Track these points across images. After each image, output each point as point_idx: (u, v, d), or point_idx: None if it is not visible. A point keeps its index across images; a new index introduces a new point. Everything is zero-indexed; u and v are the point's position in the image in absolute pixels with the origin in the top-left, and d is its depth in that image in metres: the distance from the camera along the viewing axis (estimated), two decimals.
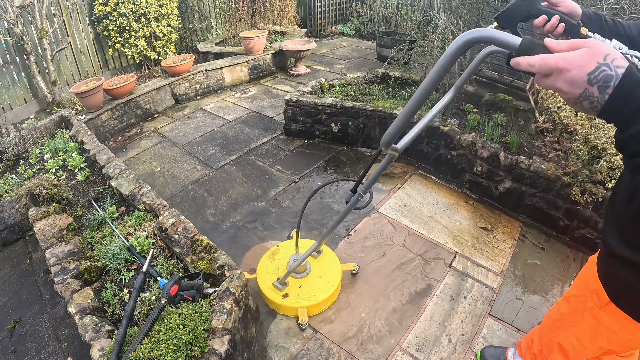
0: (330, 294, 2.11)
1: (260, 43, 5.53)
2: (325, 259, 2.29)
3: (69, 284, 1.92)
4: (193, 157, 3.73)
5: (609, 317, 1.07)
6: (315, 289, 2.12)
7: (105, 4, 5.00)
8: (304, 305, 2.05)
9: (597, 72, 0.58)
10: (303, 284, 2.15)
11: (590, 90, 0.59)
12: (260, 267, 2.26)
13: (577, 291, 1.24)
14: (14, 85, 4.62)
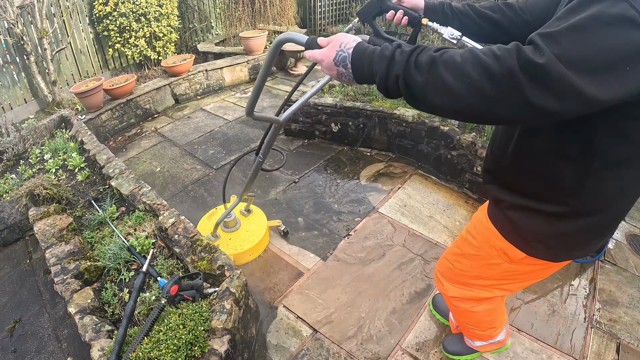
0: (254, 244, 2.44)
1: (260, 43, 5.53)
2: (253, 217, 2.65)
3: (69, 284, 1.92)
4: (193, 157, 3.73)
5: (525, 267, 1.14)
6: (242, 241, 2.45)
7: (105, 4, 5.00)
8: (231, 254, 2.33)
9: (337, 57, 0.83)
10: (233, 237, 2.50)
11: (340, 70, 0.84)
12: (200, 225, 2.62)
13: (477, 251, 1.25)
14: (14, 85, 4.61)
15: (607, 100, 0.68)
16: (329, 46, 0.84)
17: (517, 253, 1.10)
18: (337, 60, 0.83)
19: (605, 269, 2.44)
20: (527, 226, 1.03)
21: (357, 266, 2.45)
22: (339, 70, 0.83)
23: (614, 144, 0.82)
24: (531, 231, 1.03)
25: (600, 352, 1.96)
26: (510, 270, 1.17)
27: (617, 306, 2.20)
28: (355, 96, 3.70)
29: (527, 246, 1.08)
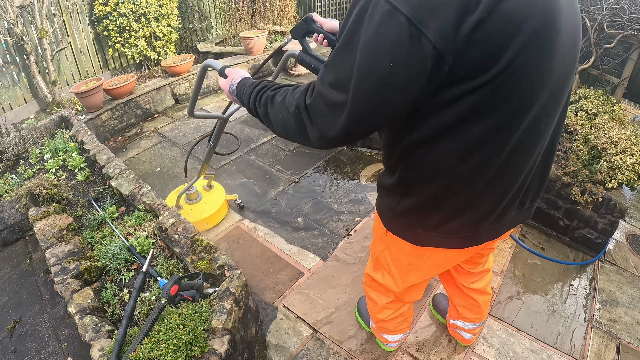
0: (211, 214, 2.74)
1: (260, 43, 5.53)
2: (214, 191, 2.94)
3: (69, 284, 1.92)
4: (193, 157, 3.73)
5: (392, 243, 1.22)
6: (201, 211, 2.76)
7: (105, 4, 5.00)
8: (191, 221, 2.49)
9: (230, 89, 1.11)
10: (194, 208, 2.79)
11: (233, 97, 1.11)
12: (168, 198, 2.89)
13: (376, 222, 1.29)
14: (14, 85, 4.61)
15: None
16: (227, 79, 1.13)
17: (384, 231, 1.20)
18: (230, 91, 1.10)
19: (605, 269, 2.44)
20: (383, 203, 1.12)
21: (357, 266, 2.45)
22: (232, 99, 1.10)
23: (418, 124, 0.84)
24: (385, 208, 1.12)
25: (600, 352, 1.96)
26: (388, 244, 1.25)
27: (617, 306, 2.20)
28: None
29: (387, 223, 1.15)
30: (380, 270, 1.40)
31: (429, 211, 1.01)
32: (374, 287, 1.52)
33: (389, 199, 1.07)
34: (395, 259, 1.26)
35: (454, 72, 0.70)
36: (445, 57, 0.68)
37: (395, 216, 1.08)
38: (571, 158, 2.56)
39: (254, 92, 0.98)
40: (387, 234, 1.19)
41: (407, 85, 0.71)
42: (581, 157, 2.52)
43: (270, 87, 0.96)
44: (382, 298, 1.51)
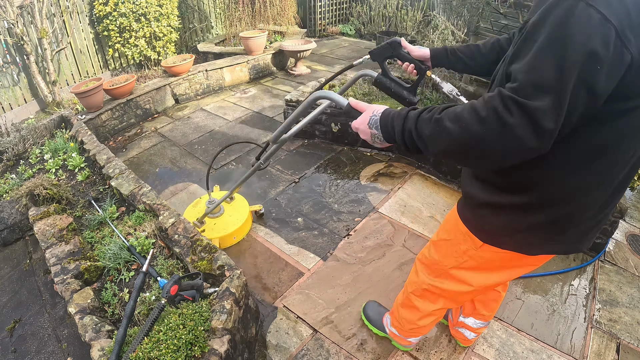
0: (237, 227, 2.59)
1: (260, 43, 5.53)
2: (236, 203, 2.79)
3: (69, 284, 1.92)
4: (193, 157, 3.73)
5: (487, 254, 1.18)
6: (226, 225, 2.61)
7: (105, 4, 5.00)
8: (217, 237, 2.52)
9: (370, 120, 1.01)
10: (217, 222, 2.64)
11: (372, 131, 1.01)
12: (186, 213, 2.78)
13: (448, 234, 1.30)
14: (14, 85, 4.62)
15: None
16: (365, 113, 1.05)
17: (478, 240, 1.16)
18: (370, 123, 1.01)
19: (605, 269, 2.44)
20: (494, 222, 1.08)
21: (357, 266, 2.45)
22: (372, 132, 1.01)
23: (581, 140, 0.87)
24: (498, 227, 1.08)
25: (600, 352, 1.96)
26: (476, 257, 1.21)
27: (617, 306, 2.20)
28: (355, 96, 3.70)
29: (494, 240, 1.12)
30: (449, 278, 1.35)
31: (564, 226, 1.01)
32: (426, 296, 1.48)
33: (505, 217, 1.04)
34: (484, 266, 1.22)
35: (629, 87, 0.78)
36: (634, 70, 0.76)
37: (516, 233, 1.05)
38: None
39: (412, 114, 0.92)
40: (482, 247, 1.15)
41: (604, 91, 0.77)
42: None
43: (431, 108, 0.92)
44: (431, 305, 1.49)
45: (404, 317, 1.65)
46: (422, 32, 3.45)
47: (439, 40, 3.23)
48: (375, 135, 1.01)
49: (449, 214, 1.33)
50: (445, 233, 1.32)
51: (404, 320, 1.66)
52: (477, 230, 1.15)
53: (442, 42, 3.25)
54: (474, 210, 1.14)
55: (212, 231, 2.56)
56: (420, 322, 1.60)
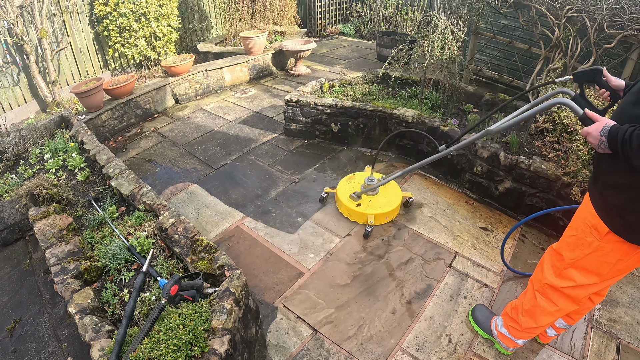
0: (392, 208, 2.75)
1: (260, 43, 5.53)
2: (389, 186, 2.96)
3: (69, 284, 1.92)
4: (193, 157, 3.73)
5: (609, 245, 1.37)
6: (381, 204, 2.78)
7: (105, 4, 5.00)
8: (372, 213, 2.71)
9: (603, 130, 1.25)
10: (372, 199, 2.83)
11: (601, 138, 1.25)
12: (340, 185, 2.98)
13: (575, 231, 1.49)
14: (14, 85, 4.62)
15: None
16: (598, 123, 1.28)
17: (603, 227, 1.36)
18: (602, 132, 1.25)
19: None
20: (613, 201, 1.32)
21: (357, 266, 2.45)
22: (600, 139, 1.25)
23: None
24: (615, 205, 1.31)
25: (600, 352, 1.96)
26: (599, 249, 1.40)
27: (617, 306, 2.20)
28: (355, 96, 3.70)
29: (610, 219, 1.34)
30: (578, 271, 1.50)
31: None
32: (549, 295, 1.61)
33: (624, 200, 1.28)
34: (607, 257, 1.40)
35: None
36: None
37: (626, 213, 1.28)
38: (571, 158, 2.56)
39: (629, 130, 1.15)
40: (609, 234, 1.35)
41: None
42: (581, 157, 2.52)
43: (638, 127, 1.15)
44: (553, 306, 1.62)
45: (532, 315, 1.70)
46: (422, 32, 3.45)
47: (439, 41, 3.23)
48: (603, 142, 1.25)
49: (574, 217, 1.53)
50: (572, 230, 1.51)
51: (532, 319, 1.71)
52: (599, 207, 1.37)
53: (442, 42, 3.25)
54: (601, 190, 1.36)
55: (368, 207, 2.75)
56: (547, 320, 1.68)
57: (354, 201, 2.80)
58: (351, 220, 2.83)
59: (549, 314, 1.64)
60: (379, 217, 2.73)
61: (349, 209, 2.80)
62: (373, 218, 2.69)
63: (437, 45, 3.24)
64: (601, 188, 1.38)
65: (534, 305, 1.67)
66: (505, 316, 1.85)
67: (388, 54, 5.67)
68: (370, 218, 2.69)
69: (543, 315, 1.66)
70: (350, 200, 2.82)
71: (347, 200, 2.82)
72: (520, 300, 1.77)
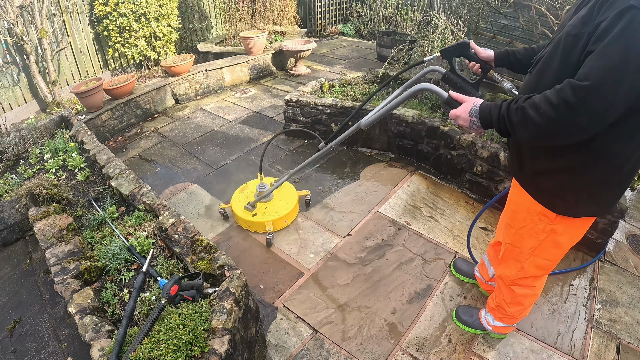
0: (289, 211, 2.72)
1: (260, 43, 5.53)
2: (283, 188, 2.90)
3: (69, 284, 1.92)
4: (193, 157, 3.73)
5: (561, 225, 1.39)
6: (278, 209, 2.73)
7: (105, 4, 5.00)
8: (270, 219, 2.65)
9: (471, 110, 1.26)
10: (268, 206, 2.76)
11: (472, 119, 1.26)
12: (234, 198, 2.86)
13: (523, 222, 1.49)
14: (14, 85, 4.62)
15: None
16: (465, 104, 1.28)
17: (550, 212, 1.36)
18: (471, 113, 1.25)
19: (605, 269, 2.44)
20: (547, 185, 1.32)
21: (357, 266, 2.45)
22: (471, 120, 1.26)
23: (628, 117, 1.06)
24: (550, 189, 1.32)
25: (600, 352, 1.96)
26: (554, 231, 1.42)
27: (617, 306, 2.20)
28: (355, 96, 3.70)
29: (550, 203, 1.35)
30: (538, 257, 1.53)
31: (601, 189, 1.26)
32: (523, 284, 1.65)
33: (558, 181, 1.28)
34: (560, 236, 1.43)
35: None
36: None
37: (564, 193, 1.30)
38: None
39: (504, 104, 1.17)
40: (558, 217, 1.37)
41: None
42: None
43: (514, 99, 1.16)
44: (531, 289, 1.67)
45: (521, 302, 1.74)
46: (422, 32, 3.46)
47: (439, 40, 3.23)
48: (474, 122, 1.25)
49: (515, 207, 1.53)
50: (520, 222, 1.51)
51: (521, 306, 1.75)
52: (537, 194, 1.38)
53: (442, 42, 3.25)
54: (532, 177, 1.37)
55: (265, 215, 2.68)
56: (527, 304, 1.74)
57: (250, 212, 2.70)
58: (251, 232, 2.73)
59: (533, 296, 1.70)
60: (277, 222, 2.67)
61: (246, 222, 2.69)
62: (271, 225, 2.62)
63: (437, 46, 3.24)
64: (531, 175, 1.38)
65: (514, 296, 1.71)
66: (494, 311, 1.87)
67: (388, 54, 5.67)
68: (269, 225, 2.60)
69: (527, 299, 1.71)
70: (245, 212, 2.70)
71: (242, 212, 2.71)
72: (499, 298, 1.79)
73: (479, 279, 2.18)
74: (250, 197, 2.84)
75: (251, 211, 2.71)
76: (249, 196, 2.85)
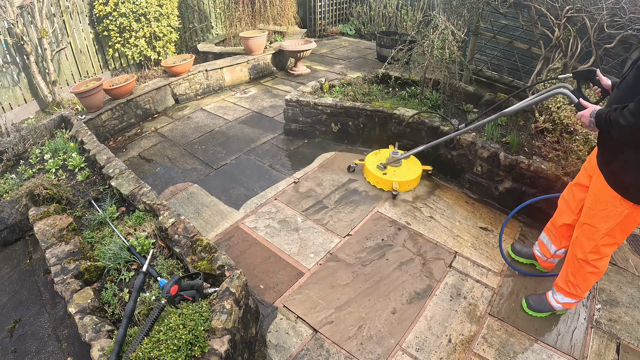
0: (414, 177, 3.11)
1: (260, 43, 5.53)
2: (410, 160, 3.30)
3: (69, 284, 1.92)
4: (193, 157, 3.73)
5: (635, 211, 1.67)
6: (404, 174, 3.14)
7: (105, 4, 5.00)
8: (397, 180, 3.06)
9: (592, 113, 1.65)
10: (396, 170, 3.18)
11: (590, 119, 1.66)
12: (368, 158, 3.34)
13: (605, 205, 1.73)
14: (14, 85, 4.62)
15: None
16: (588, 109, 1.67)
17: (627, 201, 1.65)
18: (591, 114, 1.64)
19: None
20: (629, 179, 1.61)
21: (357, 266, 2.45)
22: (590, 120, 1.64)
23: None
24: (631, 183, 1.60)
25: (600, 352, 1.96)
26: (630, 215, 1.68)
27: (617, 306, 2.20)
28: (355, 96, 3.70)
29: (630, 194, 1.63)
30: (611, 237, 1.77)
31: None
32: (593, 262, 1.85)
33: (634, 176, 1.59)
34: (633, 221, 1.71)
35: None
36: None
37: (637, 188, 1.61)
38: (571, 158, 2.56)
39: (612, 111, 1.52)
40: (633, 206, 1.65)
41: None
42: (581, 157, 2.52)
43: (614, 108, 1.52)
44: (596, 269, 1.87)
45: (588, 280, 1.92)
46: (422, 32, 3.46)
47: (439, 41, 3.23)
48: (592, 122, 1.63)
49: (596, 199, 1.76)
50: (601, 204, 1.74)
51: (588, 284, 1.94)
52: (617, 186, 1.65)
53: (442, 42, 3.25)
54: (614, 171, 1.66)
55: (394, 176, 3.10)
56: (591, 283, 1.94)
57: (381, 170, 3.14)
58: (377, 188, 3.14)
59: (597, 274, 1.89)
60: (402, 184, 3.07)
61: (376, 177, 3.13)
62: (398, 185, 3.04)
63: (437, 45, 3.24)
64: (616, 169, 1.66)
65: (583, 275, 1.90)
66: (562, 290, 2.02)
67: (388, 54, 5.67)
68: (395, 185, 3.03)
69: (593, 277, 1.90)
70: (377, 170, 3.16)
71: (374, 169, 3.16)
72: (567, 276, 1.98)
73: (539, 257, 2.36)
74: (382, 160, 3.27)
75: (382, 170, 3.14)
76: (381, 159, 3.28)
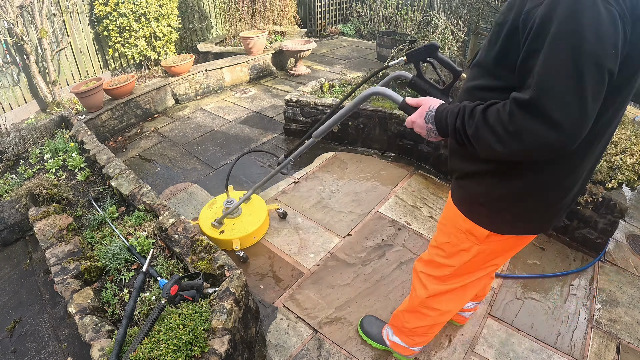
0: (257, 227, 2.58)
1: (260, 43, 5.53)
2: (253, 203, 2.77)
3: (69, 284, 1.92)
4: (193, 157, 3.73)
5: (493, 245, 1.21)
6: (246, 225, 2.58)
7: (105, 4, 5.00)
8: (237, 237, 2.49)
9: (426, 116, 1.04)
10: (236, 222, 2.61)
11: (428, 126, 1.04)
12: (202, 215, 2.70)
13: (448, 237, 1.31)
14: (14, 85, 4.62)
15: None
16: (421, 108, 1.07)
17: (481, 231, 1.17)
18: (426, 118, 1.04)
19: (605, 269, 2.44)
20: (472, 190, 1.14)
21: (357, 266, 2.45)
22: (427, 127, 1.04)
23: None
24: (474, 194, 1.14)
25: (600, 352, 1.96)
26: (481, 252, 1.23)
27: (617, 306, 2.20)
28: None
29: (473, 213, 1.17)
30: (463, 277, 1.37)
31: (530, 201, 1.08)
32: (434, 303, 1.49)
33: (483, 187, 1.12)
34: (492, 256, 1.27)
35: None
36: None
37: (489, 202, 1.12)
38: None
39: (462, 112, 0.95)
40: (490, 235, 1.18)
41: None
42: None
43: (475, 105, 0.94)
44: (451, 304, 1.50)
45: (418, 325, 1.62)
46: (422, 32, 3.46)
47: (439, 41, 3.24)
48: (431, 130, 1.04)
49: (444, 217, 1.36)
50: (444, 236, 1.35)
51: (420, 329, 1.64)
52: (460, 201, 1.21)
53: (442, 42, 3.25)
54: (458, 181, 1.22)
55: (233, 231, 2.53)
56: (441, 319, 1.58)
57: (217, 229, 2.53)
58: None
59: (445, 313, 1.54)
60: (245, 239, 2.52)
61: (213, 239, 2.48)
62: (239, 243, 2.45)
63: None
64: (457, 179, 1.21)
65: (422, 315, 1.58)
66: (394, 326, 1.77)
67: (388, 54, 5.67)
68: (236, 243, 2.43)
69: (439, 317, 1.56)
70: (212, 230, 2.53)
71: (209, 230, 2.54)
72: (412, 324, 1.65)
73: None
74: (218, 212, 2.66)
75: (218, 228, 2.55)
76: (217, 212, 2.67)
